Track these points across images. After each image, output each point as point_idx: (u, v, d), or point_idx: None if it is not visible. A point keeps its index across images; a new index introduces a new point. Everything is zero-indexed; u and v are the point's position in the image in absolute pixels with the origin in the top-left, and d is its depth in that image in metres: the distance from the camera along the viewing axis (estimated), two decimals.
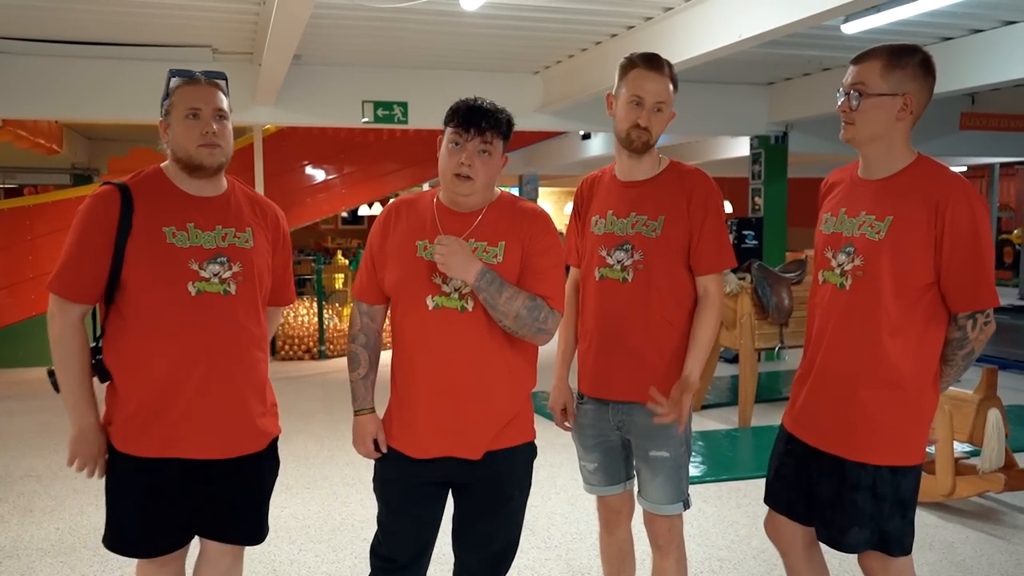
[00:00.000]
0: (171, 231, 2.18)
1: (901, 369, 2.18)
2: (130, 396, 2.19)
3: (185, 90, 2.20)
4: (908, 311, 2.16)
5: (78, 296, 2.19)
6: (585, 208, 2.65)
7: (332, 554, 3.85)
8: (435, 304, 2.19)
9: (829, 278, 2.30)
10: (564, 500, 4.58)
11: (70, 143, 12.53)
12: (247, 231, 2.28)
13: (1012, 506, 4.42)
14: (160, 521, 2.25)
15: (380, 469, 2.35)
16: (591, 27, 6.54)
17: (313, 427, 5.97)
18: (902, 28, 6.25)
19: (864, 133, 2.20)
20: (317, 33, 6.40)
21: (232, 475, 2.28)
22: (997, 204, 17.83)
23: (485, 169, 2.18)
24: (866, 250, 2.19)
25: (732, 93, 8.80)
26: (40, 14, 6.03)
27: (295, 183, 10.69)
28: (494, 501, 2.30)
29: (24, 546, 3.98)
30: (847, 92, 2.22)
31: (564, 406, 2.66)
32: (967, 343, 2.18)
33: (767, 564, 3.72)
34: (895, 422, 2.20)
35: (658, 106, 2.43)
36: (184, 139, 2.19)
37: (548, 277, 2.24)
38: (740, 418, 6.26)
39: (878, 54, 2.20)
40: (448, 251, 2.12)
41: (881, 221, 2.18)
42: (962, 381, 2.58)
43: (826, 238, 2.34)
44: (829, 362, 2.28)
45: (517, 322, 2.16)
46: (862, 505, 2.21)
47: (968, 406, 4.15)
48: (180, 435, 2.19)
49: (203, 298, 2.18)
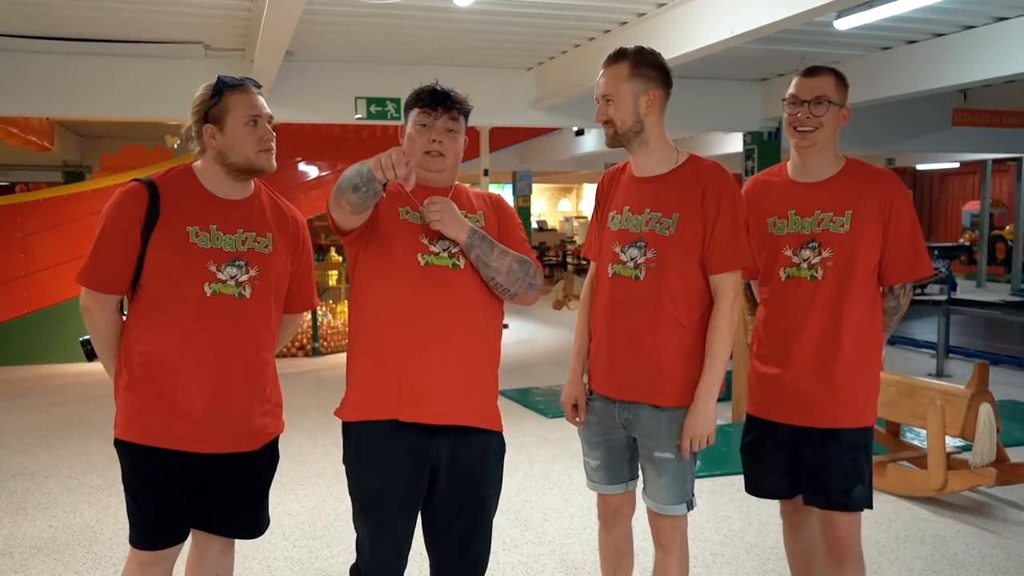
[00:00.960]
0: (194, 231, 2.23)
1: (869, 340, 2.54)
2: (138, 383, 2.25)
3: (242, 97, 2.25)
4: (868, 288, 2.52)
5: (107, 287, 2.24)
6: (606, 202, 2.61)
7: (326, 550, 3.86)
8: (426, 261, 2.24)
9: (796, 273, 2.55)
10: (558, 495, 4.59)
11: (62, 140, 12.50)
12: (267, 236, 2.33)
13: (1003, 500, 4.43)
14: (165, 511, 2.29)
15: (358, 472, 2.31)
16: (584, 23, 6.55)
17: (307, 424, 5.96)
18: (894, 24, 6.27)
19: (824, 137, 2.52)
20: (309, 29, 6.39)
21: (230, 471, 2.32)
22: (990, 200, 17.89)
23: (453, 147, 2.33)
24: (833, 242, 2.50)
25: (725, 89, 8.82)
26: (32, 11, 6.01)
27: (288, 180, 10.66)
28: (469, 501, 2.30)
29: (17, 544, 3.97)
30: (809, 102, 2.51)
31: (575, 401, 2.65)
32: (899, 309, 2.61)
33: (760, 559, 3.73)
34: (873, 387, 2.58)
35: (605, 98, 2.44)
36: (244, 144, 2.24)
37: (523, 242, 2.39)
38: (733, 413, 6.27)
39: (829, 71, 2.56)
40: (442, 208, 2.20)
41: (841, 215, 2.50)
42: (954, 376, 2.67)
43: (781, 239, 2.58)
44: (811, 345, 2.52)
45: (510, 277, 2.25)
46: (862, 463, 2.53)
47: (960, 401, 4.16)
48: (183, 429, 2.23)
49: (217, 299, 2.22)
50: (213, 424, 2.25)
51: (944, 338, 8.09)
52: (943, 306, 8.64)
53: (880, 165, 2.63)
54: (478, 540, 2.35)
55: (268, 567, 3.67)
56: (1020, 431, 5.73)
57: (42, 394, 7.28)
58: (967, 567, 3.65)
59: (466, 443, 2.28)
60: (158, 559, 2.31)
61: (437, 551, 2.35)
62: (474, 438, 2.29)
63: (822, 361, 2.50)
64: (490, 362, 2.35)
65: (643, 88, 2.41)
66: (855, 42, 7.08)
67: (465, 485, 2.29)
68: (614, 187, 2.60)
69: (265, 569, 3.65)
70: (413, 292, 2.22)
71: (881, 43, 7.14)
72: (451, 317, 2.23)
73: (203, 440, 2.25)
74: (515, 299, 2.32)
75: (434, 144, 2.28)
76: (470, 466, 2.29)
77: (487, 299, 2.30)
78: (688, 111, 8.66)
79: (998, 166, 19.07)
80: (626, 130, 2.43)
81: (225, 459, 2.29)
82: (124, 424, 2.26)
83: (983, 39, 6.45)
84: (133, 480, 2.30)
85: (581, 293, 2.74)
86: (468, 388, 2.27)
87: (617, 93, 2.41)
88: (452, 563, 2.35)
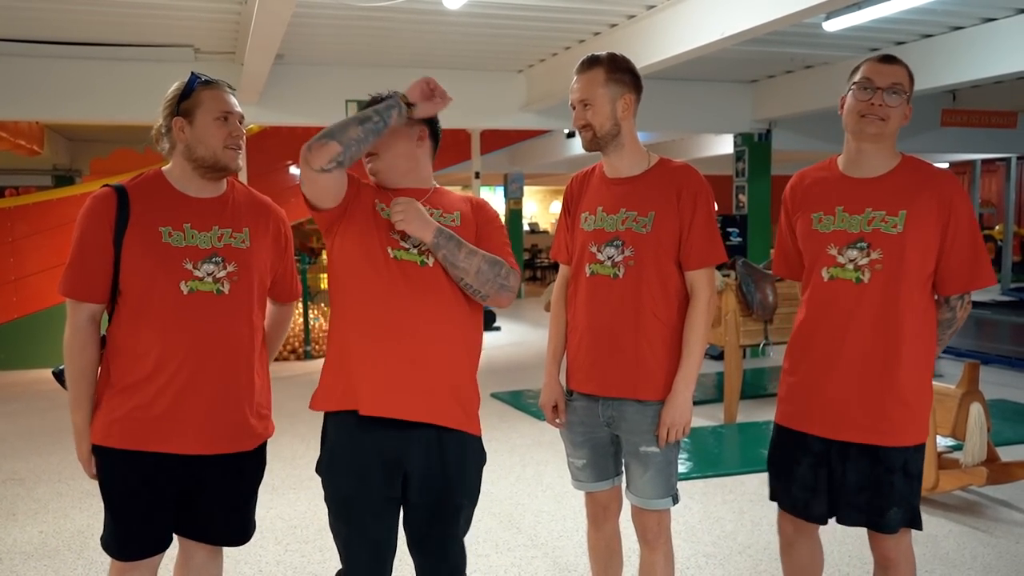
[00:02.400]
0: (167, 231, 2.22)
1: (919, 352, 2.37)
2: (119, 389, 2.22)
3: (213, 93, 2.26)
4: (922, 296, 2.37)
5: (85, 295, 2.22)
6: (575, 205, 2.65)
7: (319, 554, 3.84)
8: (395, 255, 2.22)
9: (839, 274, 2.40)
10: (550, 498, 4.59)
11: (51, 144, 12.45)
12: (244, 231, 2.31)
13: (994, 499, 4.45)
14: (146, 518, 2.25)
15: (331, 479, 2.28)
16: (574, 25, 6.55)
17: (299, 427, 5.94)
18: (883, 25, 6.30)
19: (891, 129, 2.36)
20: (300, 32, 6.38)
21: (217, 473, 2.29)
22: (979, 200, 17.97)
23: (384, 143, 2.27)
24: (884, 244, 2.34)
25: (716, 91, 8.84)
26: (20, 14, 5.98)
27: (280, 183, 10.65)
28: (442, 510, 2.25)
29: (7, 550, 3.95)
30: (884, 89, 2.33)
31: (555, 403, 2.66)
32: (954, 322, 2.43)
33: (753, 560, 3.74)
34: (918, 402, 2.39)
35: (583, 103, 2.47)
36: (212, 139, 2.23)
37: (503, 246, 2.34)
38: (726, 415, 6.29)
39: (899, 61, 2.39)
40: (407, 208, 2.18)
41: (894, 215, 2.33)
42: (944, 376, 2.64)
43: (825, 236, 2.43)
44: (855, 355, 2.38)
45: (479, 278, 2.21)
46: (898, 485, 2.38)
47: (951, 400, 4.18)
48: (164, 430, 2.20)
49: (195, 297, 2.21)
50: (202, 423, 2.22)
51: None
52: None
53: None
54: (451, 550, 2.30)
55: (260, 571, 3.66)
56: (1011, 430, 5.75)
57: (32, 399, 7.24)
58: (959, 566, 3.66)
59: (440, 446, 2.21)
60: (137, 566, 2.28)
61: (417, 555, 2.33)
62: (449, 440, 2.22)
63: (866, 372, 2.36)
64: (466, 362, 2.28)
65: (619, 92, 2.48)
66: (844, 44, 7.11)
67: (439, 493, 2.23)
68: (584, 189, 2.63)
69: (257, 573, 3.64)
70: (384, 284, 2.19)
71: (870, 44, 7.17)
72: (422, 312, 2.19)
73: (192, 440, 2.22)
74: (487, 301, 2.27)
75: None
76: (444, 471, 2.22)
77: (460, 299, 2.26)
78: (678, 113, 8.68)
79: (987, 166, 19.16)
80: (604, 133, 2.48)
81: (214, 461, 2.26)
82: (104, 429, 2.23)
83: (971, 40, 6.49)
84: (113, 487, 2.26)
85: (552, 296, 2.75)
86: (440, 385, 2.21)
87: (595, 98, 2.46)
88: (431, 569, 2.32)
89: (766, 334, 6.28)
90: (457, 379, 2.25)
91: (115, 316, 2.26)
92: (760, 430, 6.00)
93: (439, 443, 2.22)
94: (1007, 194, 17.03)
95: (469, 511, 2.33)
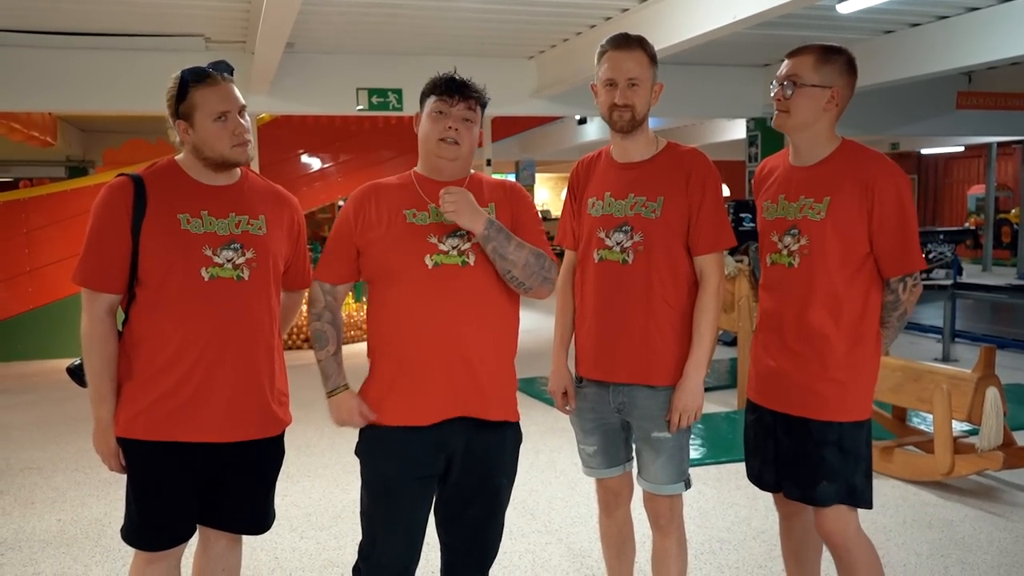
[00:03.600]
0: (185, 218, 2.21)
1: (851, 333, 2.40)
2: (142, 380, 2.21)
3: (207, 92, 2.19)
4: (852, 280, 2.38)
5: (102, 285, 2.20)
6: (581, 190, 2.64)
7: (334, 541, 3.87)
8: (435, 263, 2.21)
9: (777, 259, 2.49)
10: (564, 484, 4.59)
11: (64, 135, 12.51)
12: (260, 218, 2.30)
13: (1010, 484, 4.43)
14: (173, 509, 2.26)
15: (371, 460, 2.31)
16: (585, 11, 6.52)
17: (314, 415, 5.94)
18: (897, 7, 6.24)
19: (795, 121, 2.40)
20: (310, 21, 6.37)
21: (239, 461, 2.29)
22: (995, 184, 17.81)
23: (468, 136, 2.29)
24: (810, 230, 2.40)
25: (728, 75, 8.79)
26: (32, 6, 6.00)
27: (291, 172, 10.67)
28: (483, 488, 2.31)
29: (26, 538, 3.99)
30: (781, 82, 2.39)
31: (565, 390, 2.66)
32: (899, 304, 2.42)
33: (767, 544, 3.73)
34: (852, 381, 2.41)
35: (631, 82, 2.43)
36: (216, 142, 2.20)
37: (538, 235, 2.35)
38: (739, 400, 6.27)
39: (811, 50, 2.39)
40: (458, 199, 2.16)
41: (820, 202, 2.38)
42: (960, 360, 2.62)
43: (770, 224, 2.52)
44: (787, 334, 2.45)
45: (527, 270, 2.23)
46: (830, 459, 2.40)
47: (966, 385, 4.15)
48: (189, 418, 2.20)
49: (216, 283, 2.20)
50: (227, 409, 2.22)
51: (950, 322, 8.05)
52: (949, 290, 8.61)
53: (877, 149, 2.45)
54: (490, 528, 2.36)
55: (276, 558, 3.68)
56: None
57: (49, 389, 7.30)
58: (974, 551, 3.65)
59: (481, 433, 2.28)
60: (163, 556, 2.29)
61: (448, 535, 2.36)
62: (490, 429, 2.30)
63: (798, 350, 2.42)
64: (506, 355, 2.34)
65: (655, 77, 2.49)
66: (858, 26, 7.04)
67: (479, 472, 2.29)
68: (591, 174, 2.62)
69: (272, 560, 3.66)
70: (422, 298, 2.21)
71: (884, 26, 7.10)
72: (462, 316, 2.22)
73: (218, 427, 2.22)
74: (529, 293, 2.29)
75: (449, 131, 2.25)
76: (485, 453, 2.29)
77: (500, 293, 2.28)
78: (691, 98, 8.64)
79: (1003, 149, 18.98)
80: (642, 116, 2.48)
81: (238, 449, 2.26)
82: (129, 421, 2.21)
83: (988, 21, 6.41)
84: (141, 479, 2.25)
85: (559, 282, 2.73)
86: (483, 383, 2.26)
87: (643, 79, 2.45)
88: (463, 548, 2.35)
89: None
90: (500, 374, 2.31)
91: (133, 306, 2.24)
92: None
93: (481, 430, 2.28)
94: (1023, 177, 16.88)
95: (508, 490, 2.38)
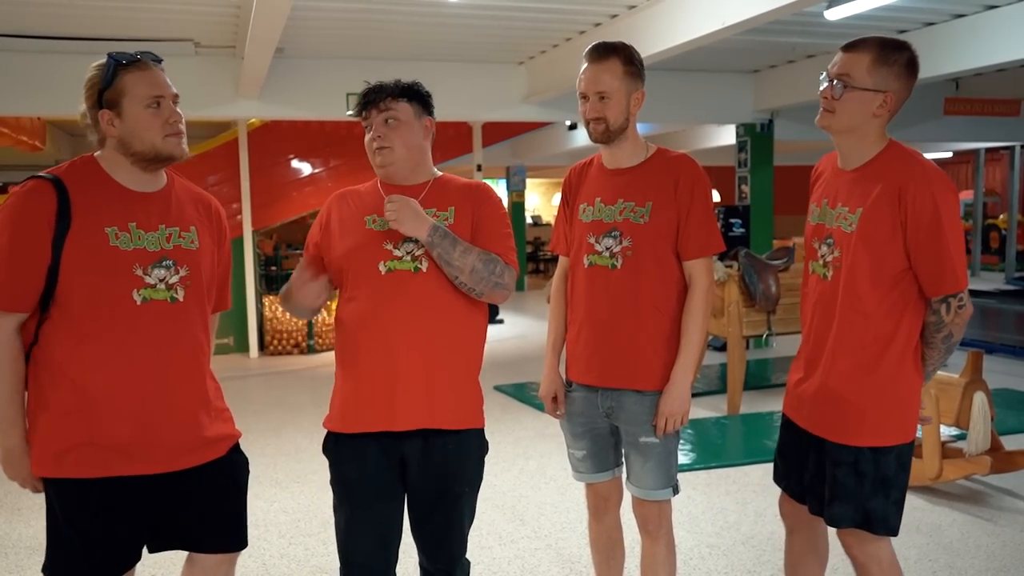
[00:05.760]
0: (113, 232, 1.98)
1: (879, 355, 2.23)
2: (66, 411, 1.98)
3: (138, 76, 2.00)
4: (883, 299, 2.21)
5: (11, 305, 1.96)
6: (573, 196, 2.65)
7: (322, 547, 3.85)
8: (388, 268, 2.22)
9: (815, 268, 2.38)
10: (554, 490, 4.59)
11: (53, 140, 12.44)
12: (192, 230, 2.11)
13: (998, 488, 4.44)
14: (118, 542, 2.07)
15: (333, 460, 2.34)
16: (574, 16, 6.53)
17: (302, 421, 5.94)
18: (885, 14, 6.26)
19: (841, 123, 2.24)
20: (299, 26, 6.36)
21: (195, 485, 2.12)
22: (983, 189, 17.91)
23: (398, 135, 2.27)
24: (842, 242, 2.26)
25: (717, 81, 8.81)
26: (20, 10, 5.98)
27: (281, 177, 10.62)
28: (443, 497, 2.28)
29: (12, 544, 3.97)
30: (831, 79, 2.23)
31: (555, 394, 2.66)
32: (943, 326, 2.22)
33: (756, 550, 3.74)
34: (873, 405, 2.24)
35: (601, 95, 2.42)
36: (147, 130, 2.00)
37: (500, 238, 2.30)
38: (729, 406, 6.28)
39: (868, 47, 2.22)
40: (399, 207, 2.17)
41: (853, 213, 2.23)
42: (948, 365, 2.60)
43: (812, 229, 2.41)
44: (814, 350, 2.35)
45: (473, 276, 2.21)
46: (843, 481, 2.27)
47: (954, 389, 4.17)
48: (127, 452, 2.01)
49: (149, 306, 2.01)
50: (172, 439, 2.05)
51: None
52: None
53: None
54: (451, 537, 2.33)
55: (264, 564, 3.67)
56: (1015, 419, 5.75)
57: None
58: (962, 555, 3.66)
59: (440, 440, 2.25)
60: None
61: (419, 539, 2.37)
62: (449, 436, 2.26)
63: (820, 367, 2.31)
64: (466, 361, 2.31)
65: (634, 87, 2.47)
66: (846, 32, 7.04)
67: (439, 480, 2.27)
68: (582, 181, 2.63)
69: (261, 567, 3.65)
70: (376, 304, 2.22)
71: (872, 32, 7.03)
72: (417, 323, 2.21)
73: (160, 459, 2.04)
74: (482, 298, 2.27)
75: (376, 140, 2.28)
76: (444, 460, 2.26)
77: (457, 300, 2.25)
78: (680, 104, 8.65)
79: (991, 155, 19.09)
80: (617, 127, 2.47)
81: (191, 473, 2.09)
82: (55, 460, 1.98)
83: (974, 27, 6.45)
84: (75, 517, 2.01)
85: (552, 287, 2.75)
86: (440, 391, 2.23)
87: (614, 91, 2.44)
88: (431, 552, 2.36)
89: (769, 325, 6.27)
90: (459, 381, 2.29)
91: (47, 327, 1.99)
92: (763, 421, 6.00)
93: (441, 439, 2.26)
94: (1011, 183, 16.96)
95: (471, 497, 2.36)
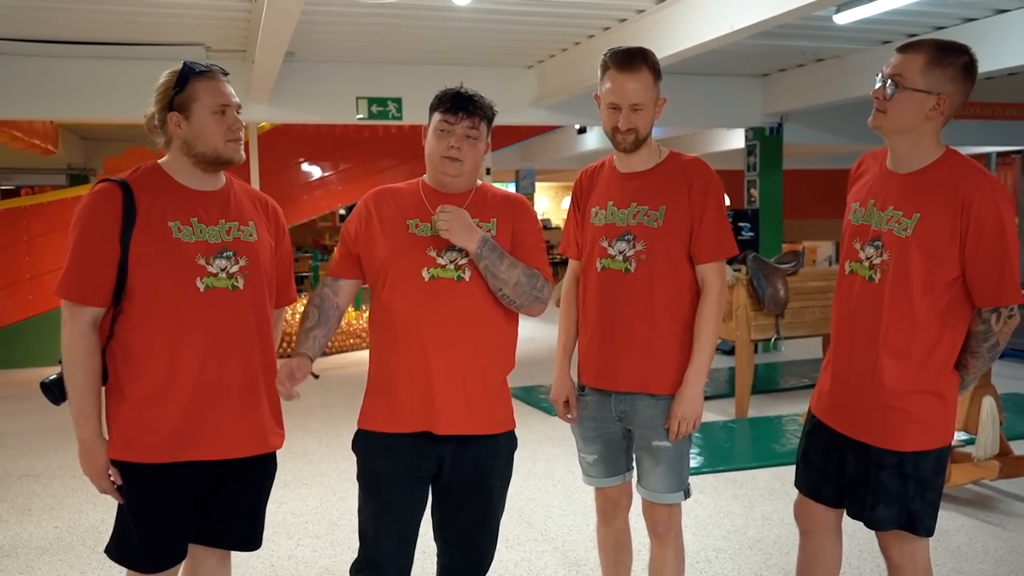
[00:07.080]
0: (176, 225, 2.13)
1: (924, 360, 2.23)
2: (137, 399, 2.12)
3: (209, 84, 2.16)
4: (934, 305, 2.20)
5: (87, 299, 2.09)
6: (584, 199, 2.65)
7: (330, 548, 3.87)
8: (431, 275, 2.24)
9: (857, 270, 2.33)
10: (561, 493, 4.60)
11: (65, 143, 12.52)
12: (250, 224, 2.25)
13: (1007, 493, 4.43)
14: (174, 530, 2.19)
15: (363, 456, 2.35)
16: (583, 20, 6.54)
17: (311, 423, 5.98)
18: (895, 18, 6.26)
19: (892, 124, 2.22)
20: (309, 30, 6.39)
21: (236, 477, 2.24)
22: None
23: (472, 152, 2.29)
24: (894, 246, 2.22)
25: (726, 85, 8.80)
26: (33, 14, 6.02)
27: (291, 180, 10.68)
28: (475, 491, 2.32)
29: (23, 545, 3.99)
30: (885, 79, 2.21)
31: (567, 398, 2.67)
32: (991, 336, 2.22)
33: (763, 554, 3.74)
34: (918, 410, 2.24)
35: (635, 107, 2.41)
36: (211, 134, 2.15)
37: (538, 252, 2.36)
38: (737, 409, 6.28)
39: (923, 48, 2.19)
40: (452, 218, 2.19)
41: (908, 218, 2.19)
42: None
43: (854, 229, 2.36)
44: (855, 352, 2.32)
45: (517, 289, 2.24)
46: (888, 484, 2.27)
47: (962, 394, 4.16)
48: (191, 437, 2.13)
49: (212, 294, 2.14)
50: (229, 425, 2.16)
51: None
52: None
53: None
54: (484, 532, 2.37)
55: (272, 566, 3.68)
56: (1023, 424, 5.73)
57: None
58: (970, 560, 3.65)
59: (472, 440, 2.29)
60: None
61: (443, 539, 2.38)
62: (482, 439, 2.31)
63: (862, 370, 2.29)
64: (502, 369, 2.35)
65: (658, 95, 2.47)
66: (855, 36, 7.06)
67: (471, 474, 2.30)
68: (594, 184, 2.63)
69: (269, 568, 3.66)
70: (417, 309, 2.23)
71: (881, 37, 7.12)
72: (457, 331, 2.24)
73: (221, 445, 2.16)
74: (520, 311, 2.33)
75: (452, 149, 2.26)
76: (477, 457, 2.30)
77: (495, 309, 2.30)
78: (689, 107, 8.65)
79: (1002, 159, 18.99)
80: (645, 136, 2.48)
81: (236, 465, 2.21)
82: (125, 444, 2.13)
83: (984, 32, 6.43)
84: (142, 502, 2.15)
85: (562, 291, 2.75)
86: (476, 399, 2.27)
87: (647, 102, 2.44)
88: (458, 552, 2.36)
89: (777, 329, 6.26)
90: (493, 389, 2.33)
91: (121, 320, 2.13)
92: (771, 425, 5.99)
93: (472, 442, 2.29)
94: (1022, 186, 16.89)
95: (502, 493, 2.39)
